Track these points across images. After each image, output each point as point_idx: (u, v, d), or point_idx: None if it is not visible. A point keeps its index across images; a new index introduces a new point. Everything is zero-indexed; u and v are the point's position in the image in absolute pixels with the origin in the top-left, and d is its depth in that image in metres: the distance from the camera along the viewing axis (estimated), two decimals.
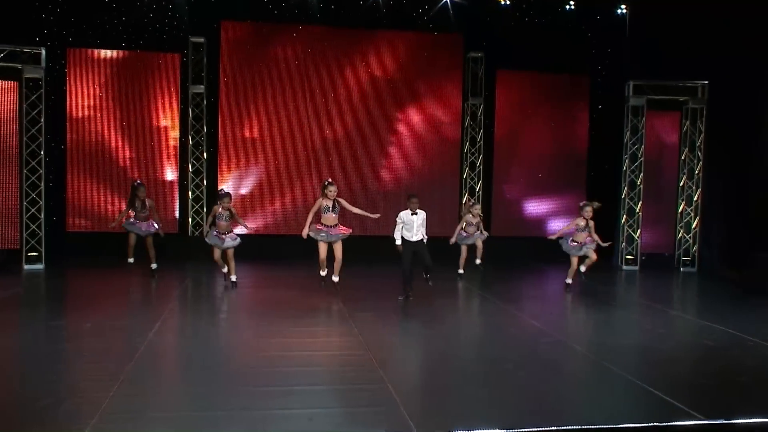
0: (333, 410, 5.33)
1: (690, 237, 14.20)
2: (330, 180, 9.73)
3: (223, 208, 10.20)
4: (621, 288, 12.24)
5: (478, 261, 11.74)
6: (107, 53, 13.67)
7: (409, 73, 14.73)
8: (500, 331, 8.27)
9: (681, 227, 14.26)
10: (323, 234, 9.69)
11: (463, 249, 11.70)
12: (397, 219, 9.71)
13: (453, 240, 11.63)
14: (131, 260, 11.21)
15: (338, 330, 8.15)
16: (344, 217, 9.99)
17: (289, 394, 5.61)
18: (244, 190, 14.25)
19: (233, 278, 10.44)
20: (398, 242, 9.70)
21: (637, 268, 14.09)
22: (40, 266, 12.06)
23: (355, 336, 7.67)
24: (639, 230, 14.15)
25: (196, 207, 14.27)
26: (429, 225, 9.93)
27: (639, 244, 14.19)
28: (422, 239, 9.73)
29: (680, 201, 14.25)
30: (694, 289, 12.44)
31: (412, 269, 9.70)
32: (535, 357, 7.10)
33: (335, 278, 9.97)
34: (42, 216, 12.17)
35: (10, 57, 11.72)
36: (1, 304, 9.20)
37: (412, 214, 9.63)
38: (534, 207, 15.38)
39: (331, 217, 9.68)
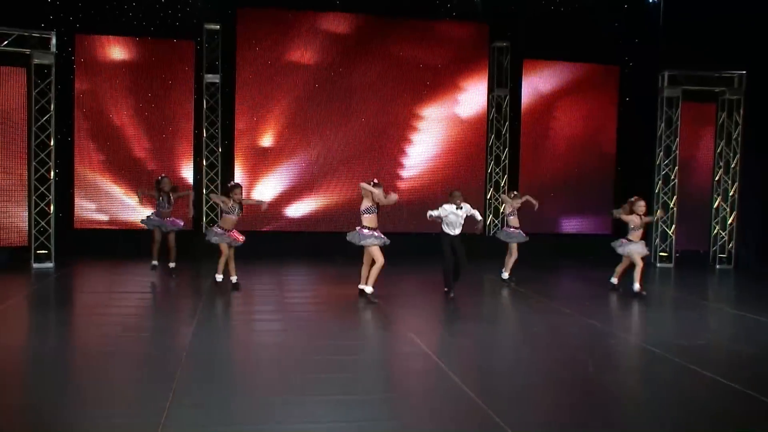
0: (421, 421, 4.76)
1: (726, 233, 13.74)
2: (376, 181, 8.89)
3: (234, 200, 9.37)
4: (663, 285, 11.74)
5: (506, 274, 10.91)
6: (118, 40, 13.01)
7: (432, 63, 14.17)
8: (561, 332, 7.72)
9: (716, 223, 13.80)
10: (370, 237, 8.84)
11: (512, 247, 10.82)
12: (441, 208, 9.18)
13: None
14: (155, 263, 10.57)
15: (390, 331, 7.58)
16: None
17: (366, 405, 5.03)
18: (261, 184, 13.61)
19: (234, 279, 9.54)
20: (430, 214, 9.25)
21: (671, 265, 13.62)
22: (49, 265, 11.38)
23: (410, 339, 7.10)
24: (673, 226, 13.66)
25: (211, 203, 13.61)
26: None
27: (673, 241, 13.71)
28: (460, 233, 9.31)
29: (716, 196, 13.80)
30: (741, 287, 11.95)
31: (453, 263, 9.23)
32: (613, 359, 6.59)
33: (368, 289, 8.93)
34: (52, 211, 11.50)
35: (19, 42, 11.04)
36: (18, 306, 8.56)
37: (457, 209, 9.14)
38: (561, 203, 14.83)
39: (373, 218, 8.89)
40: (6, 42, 10.92)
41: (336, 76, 13.80)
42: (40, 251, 11.41)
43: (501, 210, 11.01)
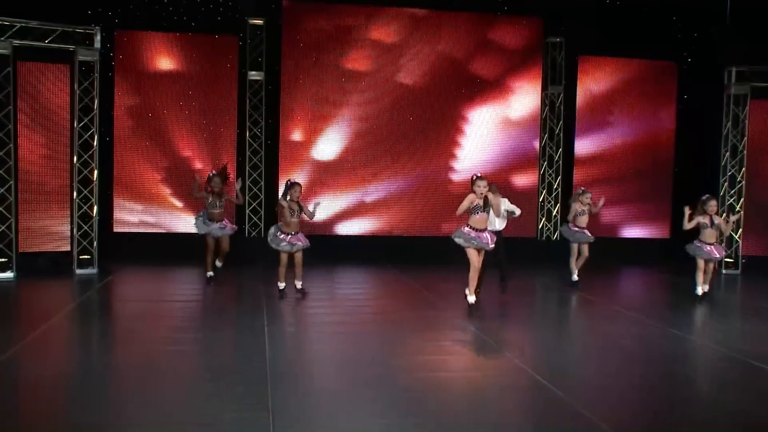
0: None
1: None
2: (479, 174, 8.36)
3: (292, 201, 9.05)
4: (734, 293, 11.42)
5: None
6: (158, 36, 12.84)
7: (482, 59, 13.87)
8: (650, 343, 7.43)
9: None
10: (474, 240, 8.22)
11: (574, 248, 10.54)
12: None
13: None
14: (211, 274, 10.32)
15: (473, 344, 7.31)
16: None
17: (480, 427, 4.77)
18: (306, 185, 13.30)
19: (299, 284, 9.28)
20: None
21: (738, 272, 13.24)
22: (92, 270, 11.19)
23: (495, 350, 6.84)
24: (740, 231, 13.29)
25: (254, 205, 13.43)
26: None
27: (740, 247, 13.34)
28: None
29: None
30: None
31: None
32: (725, 375, 6.27)
33: (471, 298, 8.49)
34: (95, 214, 11.33)
35: (63, 38, 10.86)
36: (70, 318, 8.33)
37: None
38: (617, 205, 14.45)
39: (482, 219, 8.25)
40: (50, 38, 10.74)
41: (384, 73, 13.55)
42: (83, 256, 11.23)
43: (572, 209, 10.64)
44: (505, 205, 9.37)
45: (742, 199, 13.29)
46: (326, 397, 5.36)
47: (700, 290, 9.55)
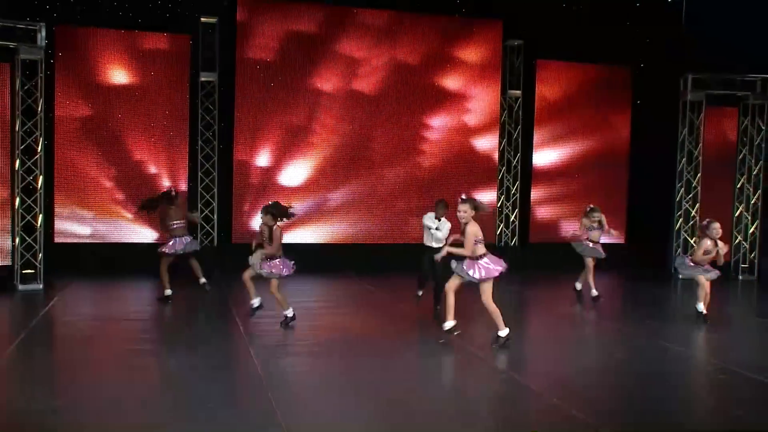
0: None
1: (747, 243, 13.88)
2: (464, 197, 7.48)
3: (263, 223, 8.12)
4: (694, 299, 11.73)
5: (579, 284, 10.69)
6: (102, 32, 12.20)
7: (440, 62, 13.83)
8: (647, 357, 7.51)
9: (738, 232, 13.94)
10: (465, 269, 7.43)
11: (589, 262, 10.46)
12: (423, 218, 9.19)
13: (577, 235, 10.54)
14: (169, 292, 9.70)
15: (472, 362, 7.19)
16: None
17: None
18: (261, 193, 12.94)
19: (289, 313, 8.26)
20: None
21: None
22: (37, 286, 10.53)
23: (496, 366, 6.76)
24: (695, 237, 13.70)
25: (206, 212, 12.95)
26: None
27: None
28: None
29: (737, 204, 13.93)
30: None
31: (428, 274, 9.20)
32: (728, 392, 6.36)
33: (448, 324, 7.61)
34: (39, 224, 10.66)
35: (2, 34, 10.18)
36: (31, 341, 7.66)
37: (436, 218, 9.02)
38: (573, 210, 14.68)
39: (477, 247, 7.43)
40: None
41: (341, 74, 13.32)
42: (26, 270, 10.55)
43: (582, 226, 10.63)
44: (446, 228, 9.06)
45: (697, 204, 13.71)
46: (339, 416, 5.14)
47: (702, 308, 9.19)
